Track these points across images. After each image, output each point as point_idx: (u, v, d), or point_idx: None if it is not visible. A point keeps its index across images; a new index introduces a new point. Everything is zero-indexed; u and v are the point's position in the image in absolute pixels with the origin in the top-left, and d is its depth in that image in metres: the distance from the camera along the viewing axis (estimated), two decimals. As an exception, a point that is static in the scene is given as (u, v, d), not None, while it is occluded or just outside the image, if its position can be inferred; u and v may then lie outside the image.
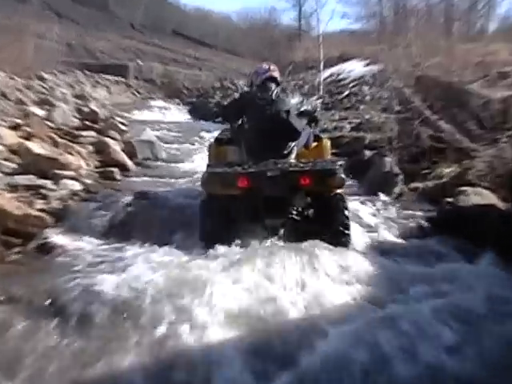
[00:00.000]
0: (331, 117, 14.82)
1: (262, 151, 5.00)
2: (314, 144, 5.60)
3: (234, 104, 5.58)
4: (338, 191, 4.96)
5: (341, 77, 22.60)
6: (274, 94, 5.13)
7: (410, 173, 7.31)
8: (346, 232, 4.86)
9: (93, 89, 21.70)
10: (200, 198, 5.09)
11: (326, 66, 22.53)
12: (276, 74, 5.35)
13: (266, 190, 4.72)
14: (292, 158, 5.22)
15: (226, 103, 5.64)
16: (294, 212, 4.84)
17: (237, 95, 5.54)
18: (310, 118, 5.38)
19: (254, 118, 5.12)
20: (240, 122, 5.35)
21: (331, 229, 4.81)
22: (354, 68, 22.93)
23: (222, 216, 4.76)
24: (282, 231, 4.79)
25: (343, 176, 4.84)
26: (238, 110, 5.32)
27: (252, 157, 5.06)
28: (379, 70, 19.65)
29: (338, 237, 4.77)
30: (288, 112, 5.06)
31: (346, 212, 4.91)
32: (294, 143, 5.19)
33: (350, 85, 20.24)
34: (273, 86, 5.22)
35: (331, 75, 23.48)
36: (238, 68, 37.10)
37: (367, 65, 22.36)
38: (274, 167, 4.80)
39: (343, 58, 25.06)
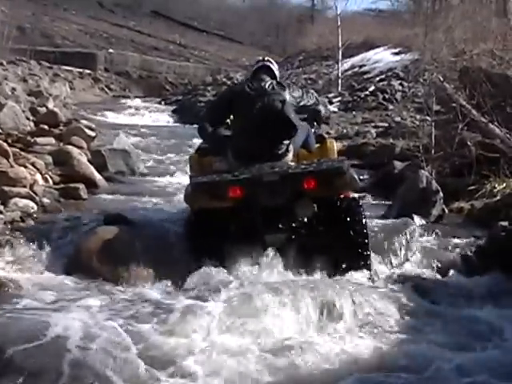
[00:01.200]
0: (352, 119, 14.93)
1: (253, 152, 5.13)
2: (317, 146, 5.76)
3: (221, 100, 5.77)
4: (352, 195, 5.20)
5: (364, 69, 22.76)
6: (267, 85, 5.30)
7: (452, 190, 7.32)
8: (365, 244, 5.02)
9: (51, 83, 21.78)
10: (184, 216, 5.27)
11: (345, 56, 22.69)
12: (271, 65, 5.63)
13: (263, 199, 4.89)
14: (289, 160, 5.33)
15: (210, 103, 5.94)
16: (299, 224, 4.96)
17: (224, 90, 6.06)
18: (312, 112, 5.53)
19: (242, 112, 5.29)
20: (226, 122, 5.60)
21: (345, 242, 4.95)
22: (381, 58, 23.10)
23: (211, 237, 4.82)
24: (285, 251, 4.89)
25: (355, 175, 5.12)
26: (225, 108, 5.51)
27: (241, 160, 5.18)
28: (412, 60, 19.81)
29: (354, 252, 4.95)
30: (283, 102, 5.18)
31: (364, 220, 5.07)
32: (289, 141, 5.30)
33: (376, 79, 20.39)
34: (266, 77, 5.43)
35: (352, 67, 23.64)
36: (235, 58, 37.39)
37: (397, 53, 22.53)
38: (271, 170, 4.95)
39: (367, 46, 25.25)
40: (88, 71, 29.11)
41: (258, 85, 5.30)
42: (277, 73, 5.64)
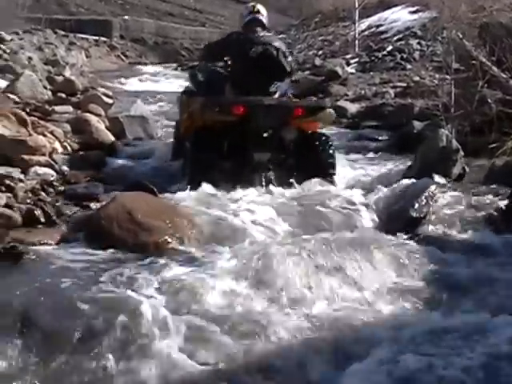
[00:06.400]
0: (370, 80, 14.77)
1: (250, 88, 6.21)
2: None
3: (219, 44, 6.92)
4: (324, 132, 6.61)
5: (381, 29, 22.49)
6: (259, 35, 6.38)
7: (473, 148, 7.24)
8: (331, 170, 6.36)
9: (67, 52, 21.82)
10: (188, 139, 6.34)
11: (362, 17, 22.43)
12: (261, 16, 6.59)
13: (260, 119, 6.01)
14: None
15: (208, 45, 7.69)
16: (282, 147, 6.24)
17: (223, 38, 7.16)
18: (289, 71, 6.58)
19: (241, 56, 6.34)
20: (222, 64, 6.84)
21: (318, 163, 6.30)
22: (399, 17, 22.79)
23: (214, 150, 6.00)
24: (270, 173, 6.13)
25: (332, 112, 6.72)
26: (221, 51, 6.69)
27: (238, 93, 6.34)
28: (431, 18, 19.54)
29: (324, 170, 6.29)
30: (277, 49, 6.30)
31: (332, 148, 6.42)
32: (280, 84, 6.50)
33: (394, 39, 20.16)
34: (258, 28, 6.46)
35: (369, 27, 23.36)
36: (250, 21, 36.93)
37: (415, 12, 22.22)
38: (270, 98, 6.22)
39: (384, 5, 24.94)
40: (104, 39, 29.06)
41: (252, 35, 6.38)
42: (265, 21, 6.60)
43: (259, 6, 6.68)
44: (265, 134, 6.07)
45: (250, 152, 6.10)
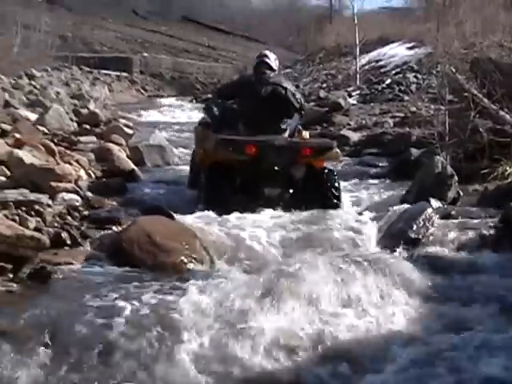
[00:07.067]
0: (371, 111, 14.80)
1: (260, 125, 6.27)
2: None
3: (230, 86, 7.18)
4: (330, 167, 6.54)
5: (380, 63, 22.56)
6: (267, 75, 6.47)
7: (466, 174, 7.23)
8: (337, 201, 6.34)
9: (92, 87, 22.02)
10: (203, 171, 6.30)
11: (362, 52, 22.51)
12: (268, 59, 6.65)
13: (271, 158, 6.02)
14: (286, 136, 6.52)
15: (222, 84, 7.99)
16: (291, 183, 6.23)
17: (236, 79, 7.52)
18: (299, 108, 6.65)
19: (252, 95, 6.38)
20: (233, 103, 6.78)
21: (324, 196, 6.25)
22: (396, 53, 22.88)
23: (227, 184, 5.97)
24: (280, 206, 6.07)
25: (338, 151, 6.68)
26: (234, 90, 6.73)
27: (250, 131, 6.30)
28: (426, 53, 19.58)
29: (331, 202, 6.26)
30: (285, 89, 6.44)
31: (338, 183, 6.43)
32: (288, 120, 6.53)
33: (392, 72, 20.21)
34: (267, 71, 6.54)
35: (369, 62, 23.45)
36: (259, 57, 37.12)
37: (411, 48, 22.30)
38: (281, 138, 6.25)
39: (383, 42, 25.02)
40: (125, 74, 29.35)
41: (260, 76, 6.49)
42: (274, 64, 6.66)
43: (267, 52, 6.90)
44: (275, 172, 6.10)
45: (260, 188, 6.14)
